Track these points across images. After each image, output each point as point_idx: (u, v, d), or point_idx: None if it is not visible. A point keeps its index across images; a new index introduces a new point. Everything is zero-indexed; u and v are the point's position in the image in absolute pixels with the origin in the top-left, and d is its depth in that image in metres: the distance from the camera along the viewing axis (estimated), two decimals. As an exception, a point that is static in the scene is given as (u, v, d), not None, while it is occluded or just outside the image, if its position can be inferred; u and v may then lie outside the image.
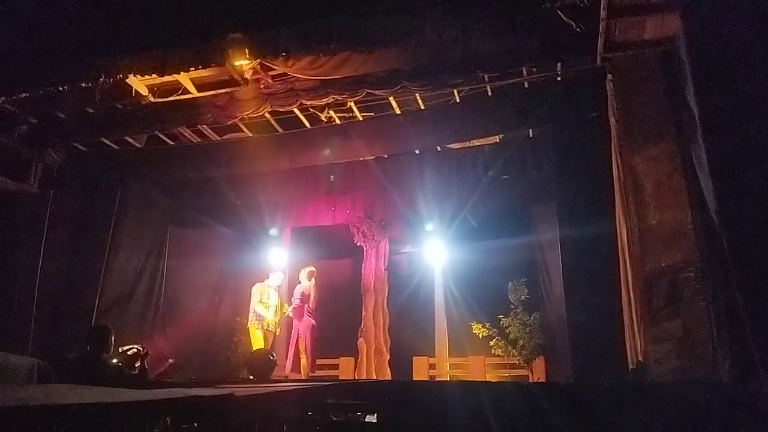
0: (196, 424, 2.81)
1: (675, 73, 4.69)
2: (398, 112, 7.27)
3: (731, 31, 3.58)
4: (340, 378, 8.21)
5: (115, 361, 4.78)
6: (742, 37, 3.55)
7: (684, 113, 4.53)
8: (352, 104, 7.05)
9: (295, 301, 8.08)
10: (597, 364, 5.38)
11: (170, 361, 7.08)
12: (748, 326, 3.27)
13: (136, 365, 4.86)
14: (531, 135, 7.55)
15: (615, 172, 5.29)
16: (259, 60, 5.95)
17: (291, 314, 8.09)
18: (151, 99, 6.52)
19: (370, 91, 6.32)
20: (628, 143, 5.00)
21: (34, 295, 6.90)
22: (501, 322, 7.88)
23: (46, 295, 7.01)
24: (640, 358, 4.61)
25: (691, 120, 4.26)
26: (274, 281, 8.21)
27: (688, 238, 4.53)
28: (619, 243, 5.21)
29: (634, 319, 4.79)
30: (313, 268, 8.19)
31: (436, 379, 8.29)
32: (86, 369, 4.38)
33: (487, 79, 6.37)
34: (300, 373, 7.87)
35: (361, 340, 8.46)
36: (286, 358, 7.96)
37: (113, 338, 4.72)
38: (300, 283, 8.21)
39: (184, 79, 6.26)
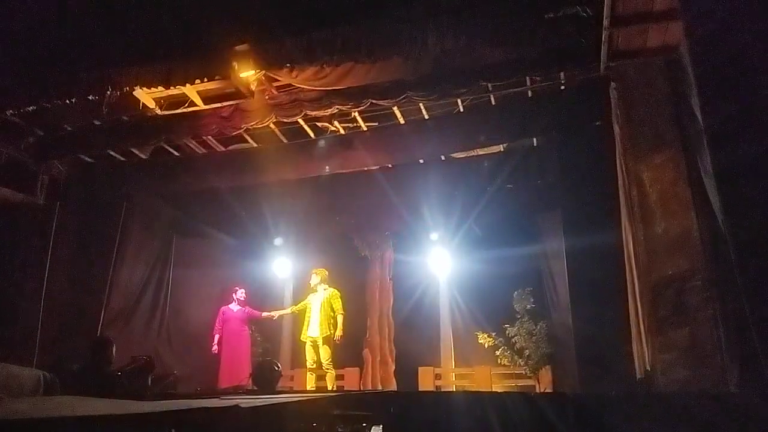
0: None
1: (679, 81, 4.69)
2: (402, 122, 7.29)
3: (736, 38, 3.57)
4: (345, 389, 8.17)
5: (119, 373, 4.78)
6: (747, 45, 3.55)
7: (689, 121, 4.52)
8: (357, 114, 7.08)
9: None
10: (604, 374, 5.34)
11: (174, 372, 7.05)
12: (755, 335, 3.23)
13: (140, 377, 4.86)
14: (535, 144, 7.56)
15: (620, 180, 5.28)
16: (264, 71, 5.99)
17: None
18: (158, 112, 6.56)
19: (374, 101, 6.35)
20: (633, 151, 4.99)
21: (40, 307, 6.91)
22: (507, 332, 7.83)
23: (51, 306, 7.03)
24: (648, 368, 4.58)
25: (696, 128, 4.25)
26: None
27: (694, 246, 4.51)
28: (624, 251, 5.19)
29: (641, 328, 4.76)
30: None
31: (442, 390, 8.24)
32: (88, 380, 4.38)
33: (490, 89, 6.39)
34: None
35: (366, 350, 8.44)
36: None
37: (114, 349, 4.73)
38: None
39: (190, 91, 6.30)
